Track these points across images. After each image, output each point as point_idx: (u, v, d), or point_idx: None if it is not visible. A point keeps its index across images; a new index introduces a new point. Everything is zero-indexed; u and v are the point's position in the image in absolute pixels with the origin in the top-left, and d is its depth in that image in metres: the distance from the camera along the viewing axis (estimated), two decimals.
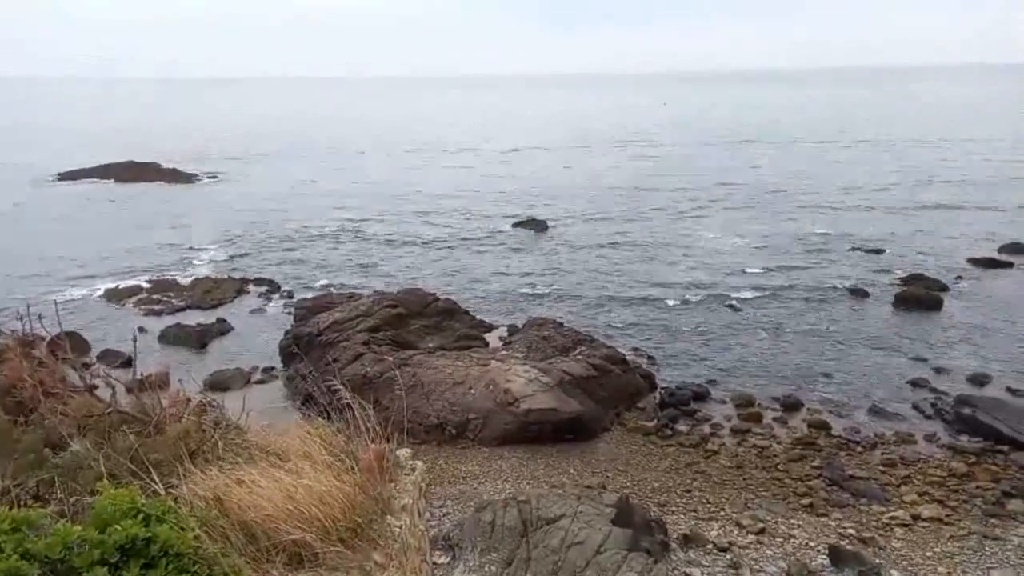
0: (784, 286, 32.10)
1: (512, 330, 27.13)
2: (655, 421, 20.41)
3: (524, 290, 33.10)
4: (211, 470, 4.43)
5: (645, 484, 17.08)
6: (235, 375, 23.89)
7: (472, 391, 19.96)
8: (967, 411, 19.12)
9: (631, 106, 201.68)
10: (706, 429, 19.96)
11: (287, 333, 25.80)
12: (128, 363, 22.08)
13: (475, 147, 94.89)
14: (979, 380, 22.14)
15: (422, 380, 20.72)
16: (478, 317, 28.75)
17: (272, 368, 24.81)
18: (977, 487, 16.21)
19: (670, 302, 30.59)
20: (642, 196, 55.18)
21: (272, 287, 34.23)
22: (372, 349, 22.92)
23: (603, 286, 33.19)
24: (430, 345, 24.85)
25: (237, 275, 35.98)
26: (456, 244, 42.04)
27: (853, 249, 37.62)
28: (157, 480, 4.21)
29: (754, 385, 22.64)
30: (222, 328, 28.71)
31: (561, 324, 26.64)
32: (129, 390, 6.32)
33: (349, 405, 5.39)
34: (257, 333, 28.47)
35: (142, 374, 6.80)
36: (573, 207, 51.42)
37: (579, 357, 22.48)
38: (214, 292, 32.87)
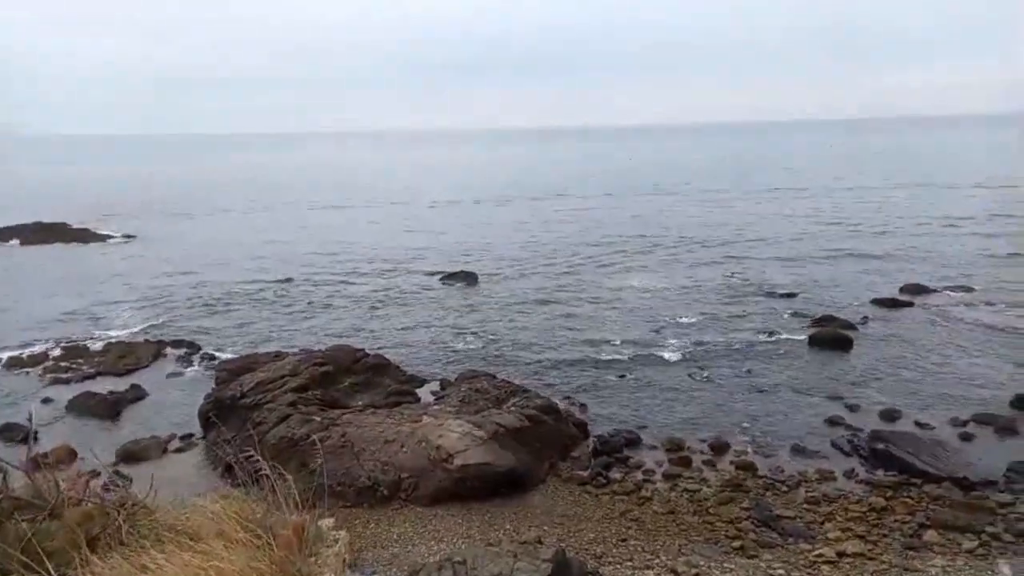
0: (707, 331, 33.15)
1: (444, 384, 26.86)
2: (589, 470, 20.43)
3: (456, 343, 32.95)
4: (113, 557, 4.16)
5: (581, 535, 16.98)
6: (150, 444, 22.58)
7: (404, 449, 19.53)
8: (881, 446, 20.03)
9: (551, 159, 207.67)
10: (639, 476, 20.11)
11: (207, 397, 24.69)
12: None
13: (398, 201, 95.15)
14: (890, 415, 23.29)
15: (352, 440, 20.14)
16: (409, 372, 28.38)
17: (191, 435, 23.62)
18: (895, 520, 16.88)
19: (600, 350, 31.04)
20: (569, 247, 56.34)
21: (192, 349, 32.83)
22: (299, 410, 22.19)
23: (535, 337, 33.43)
24: (360, 403, 24.29)
25: (153, 338, 34.38)
26: (385, 299, 41.60)
27: (769, 294, 39.37)
28: (52, 572, 3.92)
29: (683, 429, 23.06)
30: (137, 394, 27.24)
31: (494, 376, 26.61)
32: (26, 471, 5.89)
33: (270, 473, 5.21)
34: (175, 398, 27.15)
35: (37, 454, 6.36)
36: (502, 259, 51.99)
37: (512, 408, 22.40)
38: (128, 357, 31.24)
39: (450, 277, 45.94)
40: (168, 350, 32.79)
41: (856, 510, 17.45)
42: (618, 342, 31.97)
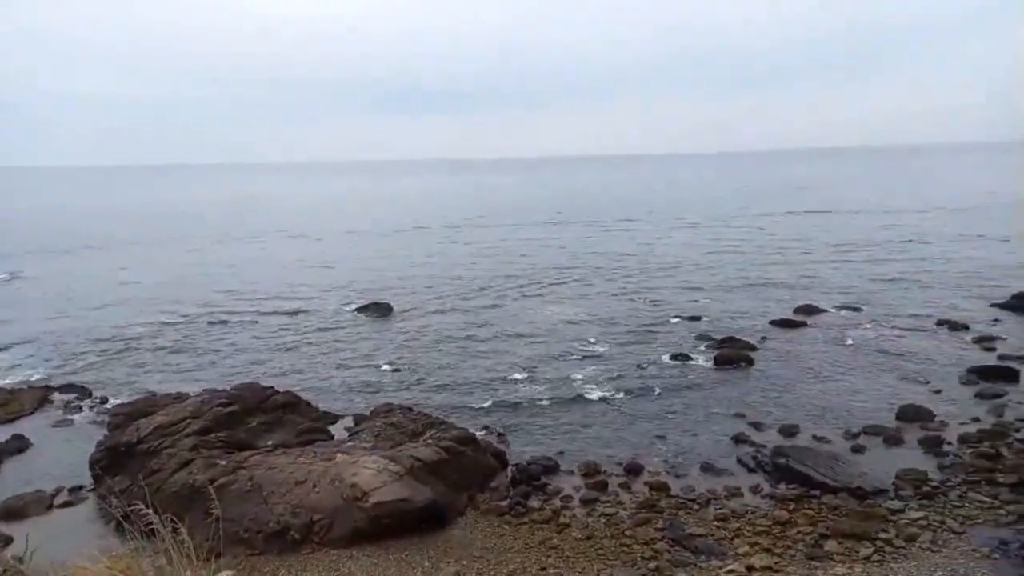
0: (619, 357, 33.97)
1: (359, 419, 26.18)
2: (508, 500, 20.34)
3: (370, 376, 32.29)
4: None
5: (501, 568, 16.83)
6: (34, 499, 20.77)
7: (316, 489, 18.83)
8: (782, 461, 21.02)
9: (464, 190, 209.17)
10: (557, 502, 20.20)
11: (99, 445, 23.00)
12: None
13: (309, 233, 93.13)
14: (790, 431, 24.53)
15: (260, 482, 19.24)
16: (322, 408, 27.52)
17: (80, 487, 21.88)
18: (798, 532, 17.69)
19: (516, 379, 31.19)
20: (482, 277, 56.68)
21: (82, 394, 30.62)
22: (202, 454, 21.04)
23: (451, 366, 33.23)
24: (269, 443, 23.28)
25: (39, 383, 31.86)
26: (295, 334, 40.33)
27: (675, 319, 40.88)
28: None
29: (599, 453, 23.41)
30: (19, 445, 25.10)
31: (410, 408, 26.19)
32: None
33: (172, 523, 4.91)
34: (63, 448, 25.15)
35: None
36: (416, 290, 51.63)
37: (430, 441, 22.08)
38: (10, 405, 28.79)
39: (363, 309, 45.15)
40: (55, 396, 30.46)
41: (762, 524, 18.18)
42: (534, 370, 32.23)
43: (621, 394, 28.85)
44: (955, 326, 36.69)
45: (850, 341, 35.11)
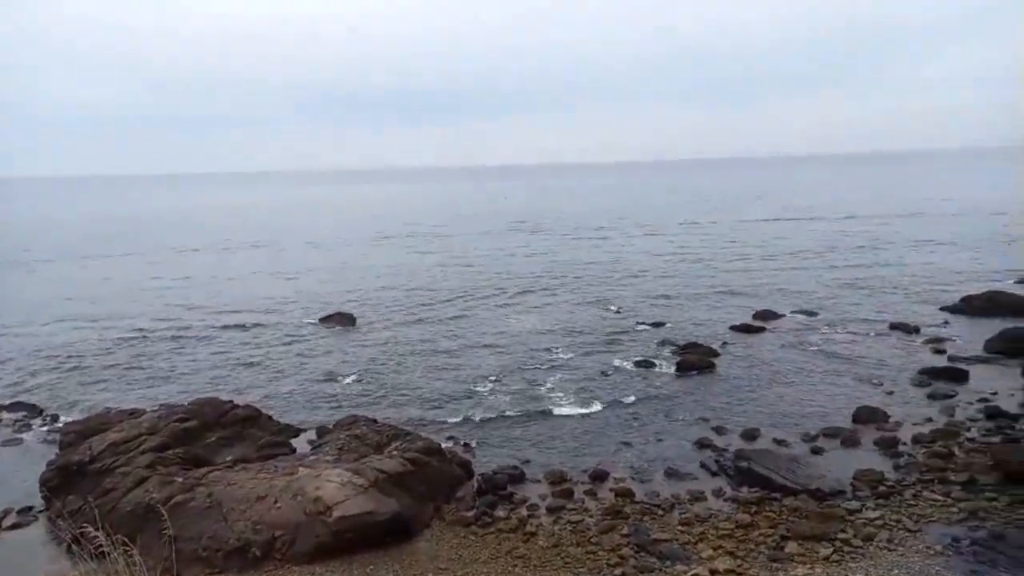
0: (584, 364, 34.16)
1: (322, 432, 25.80)
2: (474, 510, 20.23)
3: (334, 388, 31.88)
4: None
5: None
6: None
7: (278, 504, 18.48)
8: (744, 464, 21.36)
9: (425, 199, 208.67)
10: (523, 511, 20.16)
11: (50, 464, 22.20)
12: None
13: (269, 242, 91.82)
14: (751, 434, 24.96)
15: (219, 499, 18.81)
16: (283, 422, 27.03)
17: (30, 508, 21.10)
18: (760, 535, 17.96)
19: (482, 388, 31.12)
20: (448, 286, 56.51)
21: (32, 412, 29.55)
22: (159, 471, 20.48)
23: (416, 377, 32.99)
24: (228, 459, 22.78)
25: None
26: (256, 345, 39.61)
27: (638, 325, 41.31)
28: None
29: (565, 461, 23.46)
30: None
31: (374, 420, 25.90)
32: None
33: (123, 544, 4.76)
34: (10, 468, 24.23)
35: None
36: (380, 299, 51.22)
37: (395, 453, 21.88)
38: None
39: (326, 320, 44.58)
40: (3, 415, 29.36)
41: (725, 527, 18.42)
42: (500, 380, 32.20)
43: (586, 402, 28.99)
44: (907, 329, 37.82)
45: (807, 345, 35.93)
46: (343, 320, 44.16)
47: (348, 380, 32.88)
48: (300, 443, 25.33)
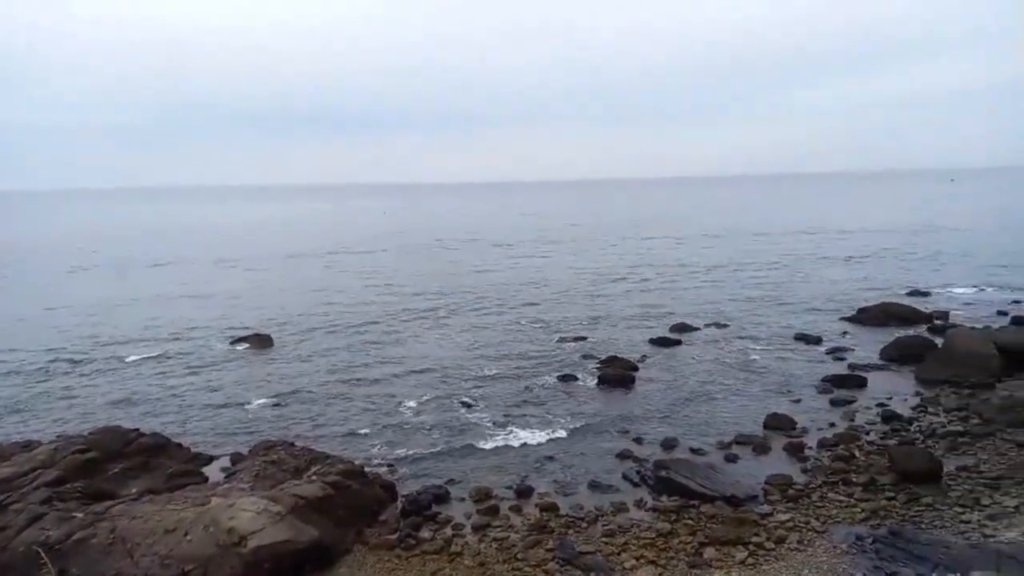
0: (507, 380, 34.28)
1: (236, 459, 24.71)
2: (398, 533, 19.85)
3: (249, 413, 30.64)
4: None
5: None
6: None
7: (188, 537, 17.52)
8: (663, 474, 21.94)
9: (343, 216, 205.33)
10: (448, 531, 19.94)
11: None
12: None
13: (183, 260, 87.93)
14: (669, 444, 25.69)
15: (123, 535, 17.66)
16: (194, 450, 25.78)
17: None
18: (679, 542, 18.47)
19: (406, 408, 30.67)
20: (368, 305, 55.59)
21: None
22: (55, 507, 19.06)
23: (337, 398, 32.18)
24: (134, 491, 21.50)
25: None
26: (164, 370, 37.62)
27: (563, 341, 41.87)
28: None
29: (490, 477, 23.39)
30: None
31: (292, 444, 25.04)
32: None
33: None
34: None
35: None
36: (299, 319, 49.75)
37: (314, 477, 21.22)
38: None
39: (241, 341, 42.89)
40: None
41: (647, 537, 18.84)
42: (423, 398, 31.84)
43: (510, 418, 29.05)
44: (810, 339, 40.02)
45: (720, 356, 37.41)
46: (259, 341, 42.58)
47: (265, 404, 31.69)
48: (213, 471, 24.19)
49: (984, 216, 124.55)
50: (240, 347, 41.99)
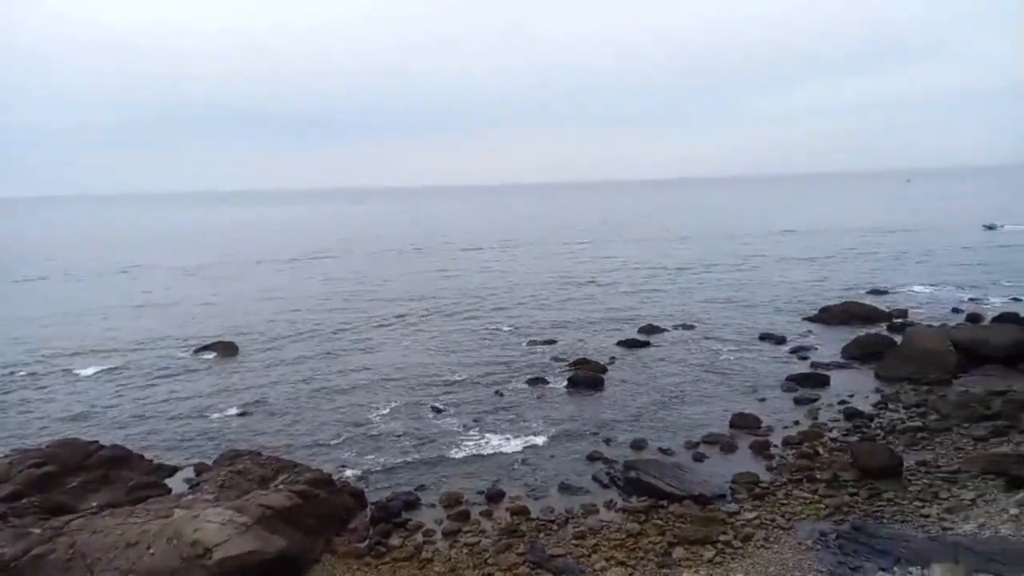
0: (477, 384, 34.23)
1: (200, 469, 24.24)
2: (367, 540, 19.68)
3: (214, 422, 30.07)
4: None
5: None
6: None
7: (151, 550, 17.10)
8: (633, 474, 22.10)
9: (308, 222, 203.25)
10: (419, 538, 19.82)
11: None
12: None
13: (147, 265, 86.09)
14: (638, 445, 25.91)
15: (83, 550, 17.16)
16: (157, 461, 25.21)
17: None
18: (649, 542, 18.62)
19: (375, 414, 30.41)
20: (335, 310, 55.08)
21: None
22: (11, 523, 18.48)
23: (304, 406, 31.77)
24: (94, 504, 20.94)
25: None
26: (126, 379, 36.76)
27: (531, 343, 41.96)
28: None
29: (460, 482, 23.31)
30: None
31: (259, 453, 24.64)
32: None
33: None
34: None
35: None
36: (265, 327, 49.03)
37: (280, 487, 20.91)
38: None
39: (205, 349, 42.10)
40: None
41: (616, 537, 18.95)
42: (391, 404, 31.61)
43: (481, 422, 29.00)
44: (775, 339, 40.75)
45: (688, 357, 37.87)
46: (224, 349, 41.84)
47: (230, 412, 31.15)
48: (176, 482, 23.69)
49: (937, 216, 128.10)
50: (204, 356, 41.21)
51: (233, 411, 31.30)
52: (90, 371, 38.27)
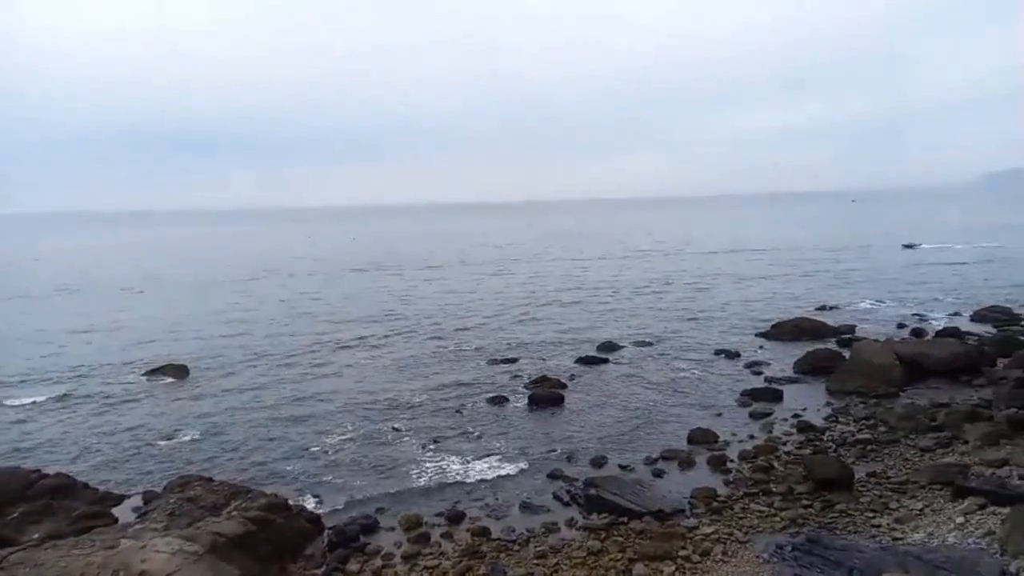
0: (438, 403, 33.97)
1: (149, 497, 23.38)
2: (324, 567, 19.25)
3: (164, 447, 29.10)
4: None
5: None
6: None
7: None
8: (593, 492, 22.14)
9: (263, 241, 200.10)
10: (378, 562, 19.46)
11: None
12: None
13: (84, 286, 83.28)
14: (599, 462, 26.01)
15: None
16: (103, 489, 24.24)
17: None
18: (610, 560, 18.63)
19: (332, 436, 29.85)
20: (289, 330, 54.10)
21: None
22: None
23: (258, 429, 30.99)
24: (36, 536, 19.98)
25: None
26: (69, 403, 35.36)
27: (491, 362, 41.88)
28: None
29: (420, 504, 23.01)
30: None
31: (211, 479, 23.87)
32: None
33: None
34: None
35: None
36: (214, 348, 47.81)
37: (233, 513, 20.29)
38: None
39: (154, 372, 40.79)
40: None
41: (578, 556, 18.92)
42: (349, 426, 31.10)
43: (441, 442, 28.73)
44: (729, 355, 41.56)
45: (646, 373, 38.32)
46: (174, 372, 40.60)
47: (181, 438, 30.19)
48: (124, 512, 22.78)
49: (881, 235, 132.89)
50: (154, 380, 39.89)
51: (184, 436, 30.34)
52: (29, 400, 36.54)
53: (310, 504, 23.26)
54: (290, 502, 22.20)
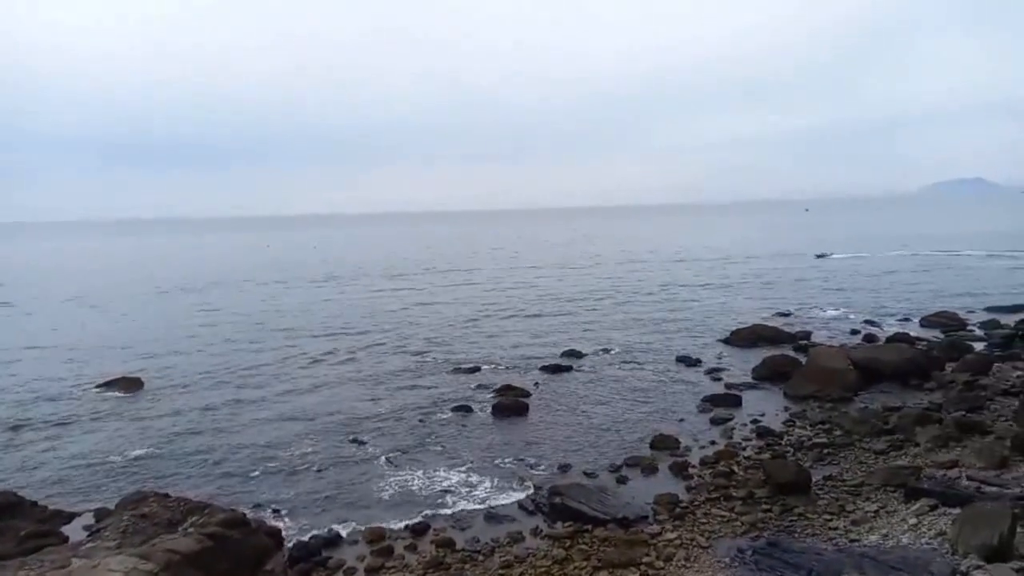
0: (401, 413, 33.64)
1: (101, 515, 22.58)
2: None
3: (116, 463, 28.14)
4: None
5: None
6: None
7: None
8: (558, 500, 22.18)
9: (205, 249, 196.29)
10: None
11: None
12: None
13: (26, 298, 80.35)
14: (564, 470, 26.09)
15: None
16: (52, 507, 23.35)
17: None
18: (575, 568, 18.67)
19: (291, 449, 29.27)
20: (247, 340, 53.06)
21: None
22: None
23: (216, 443, 30.24)
24: None
25: None
26: (16, 419, 33.97)
27: (455, 371, 41.71)
28: None
29: (384, 516, 22.74)
30: None
31: (166, 495, 23.15)
32: None
33: None
34: None
35: None
36: (169, 360, 46.56)
37: (190, 530, 19.74)
38: None
39: (106, 385, 39.50)
40: None
41: (543, 565, 18.91)
42: (309, 437, 30.58)
43: (405, 453, 28.46)
44: (690, 361, 42.16)
45: (608, 380, 38.63)
46: (127, 385, 39.35)
47: (135, 452, 29.26)
48: (74, 530, 21.98)
49: (833, 243, 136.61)
50: (105, 393, 38.61)
51: (138, 451, 29.43)
52: None
53: (270, 519, 22.76)
54: (249, 517, 21.69)
